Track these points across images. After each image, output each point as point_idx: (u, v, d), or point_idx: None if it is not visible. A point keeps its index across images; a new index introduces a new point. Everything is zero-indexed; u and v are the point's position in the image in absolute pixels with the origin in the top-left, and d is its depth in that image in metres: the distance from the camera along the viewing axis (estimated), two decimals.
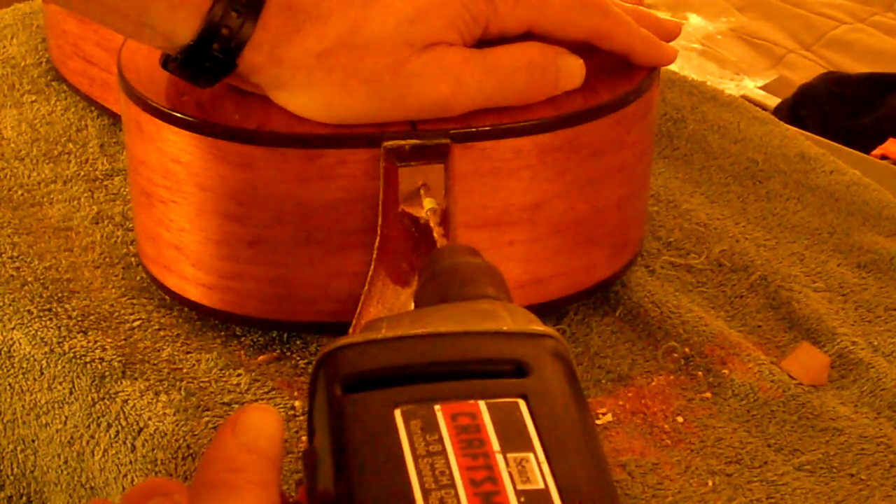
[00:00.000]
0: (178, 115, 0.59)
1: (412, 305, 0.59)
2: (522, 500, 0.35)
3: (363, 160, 0.58)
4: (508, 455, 0.36)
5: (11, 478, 0.69)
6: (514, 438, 0.36)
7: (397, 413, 0.37)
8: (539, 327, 0.41)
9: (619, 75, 0.64)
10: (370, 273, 0.60)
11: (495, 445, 0.36)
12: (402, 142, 0.58)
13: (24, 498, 0.69)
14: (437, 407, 0.37)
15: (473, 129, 0.59)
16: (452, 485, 0.35)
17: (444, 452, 0.36)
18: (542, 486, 0.35)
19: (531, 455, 0.36)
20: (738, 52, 1.83)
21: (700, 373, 0.65)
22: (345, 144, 0.58)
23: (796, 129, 0.90)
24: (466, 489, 0.35)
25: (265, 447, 0.38)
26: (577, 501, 0.35)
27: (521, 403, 0.37)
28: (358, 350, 0.39)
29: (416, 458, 0.36)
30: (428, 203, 0.58)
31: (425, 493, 0.35)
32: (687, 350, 0.67)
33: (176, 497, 0.39)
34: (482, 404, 0.37)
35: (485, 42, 0.61)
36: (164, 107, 0.60)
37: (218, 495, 0.36)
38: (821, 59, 1.87)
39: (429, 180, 0.58)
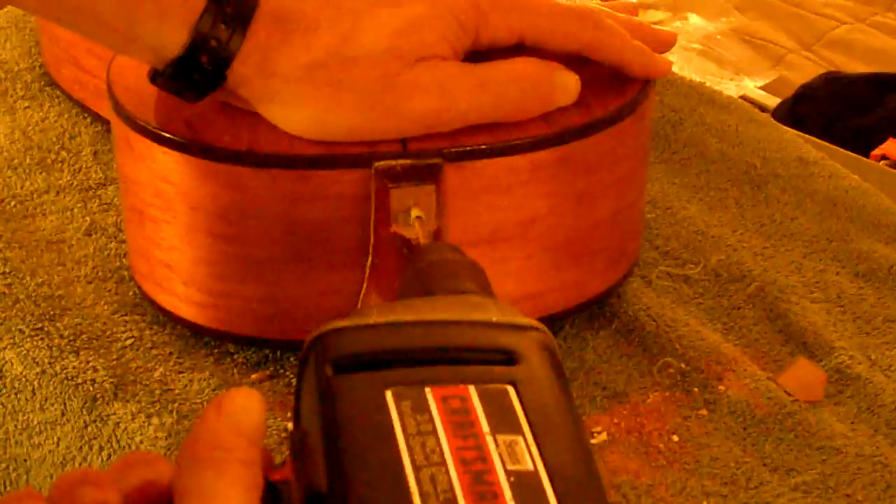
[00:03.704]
0: (168, 135, 0.59)
1: None
2: (512, 479, 0.35)
3: (354, 180, 0.58)
4: (498, 437, 0.37)
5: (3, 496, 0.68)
6: (503, 422, 0.37)
7: (388, 394, 0.38)
8: (526, 320, 0.41)
9: (613, 89, 0.63)
10: (362, 293, 0.60)
11: (485, 427, 0.37)
12: (394, 162, 0.58)
13: None
14: (427, 389, 0.38)
15: (466, 148, 0.58)
16: (443, 462, 0.36)
17: (434, 432, 0.36)
18: (531, 467, 0.36)
19: (520, 438, 0.37)
20: (738, 52, 1.82)
21: (696, 389, 0.65)
22: (335, 165, 0.58)
23: (795, 131, 0.90)
24: (457, 467, 0.36)
25: (249, 429, 0.39)
26: (566, 483, 0.36)
27: (511, 390, 0.38)
28: (349, 333, 0.40)
29: (406, 436, 0.36)
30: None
31: (416, 469, 0.35)
32: (683, 365, 0.66)
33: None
34: (472, 389, 0.38)
35: (478, 56, 0.61)
36: (153, 126, 0.59)
37: (205, 472, 0.37)
38: (821, 59, 1.86)
39: (420, 201, 0.58)
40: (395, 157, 0.58)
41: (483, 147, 0.59)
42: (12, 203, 0.77)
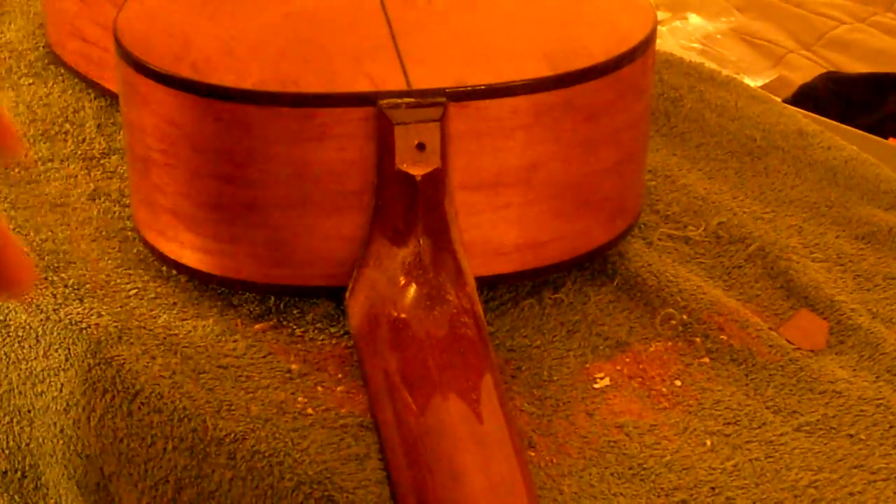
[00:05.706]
0: (173, 75, 0.59)
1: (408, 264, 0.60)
2: None
3: (358, 119, 0.58)
4: None
5: (7, 451, 0.68)
6: None
7: None
8: None
9: (615, 36, 0.64)
10: (366, 234, 0.60)
11: None
12: (398, 100, 0.58)
13: (19, 473, 0.69)
14: None
15: (469, 88, 0.59)
16: None
17: None
18: None
19: None
20: (738, 52, 1.83)
21: (698, 339, 0.65)
22: (340, 103, 0.58)
23: (794, 108, 0.90)
24: None
25: None
26: None
27: None
28: None
29: None
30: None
31: None
32: (685, 317, 0.66)
33: None
34: None
35: None
36: (159, 68, 0.60)
37: None
38: (821, 59, 1.87)
39: (425, 139, 0.58)
40: (400, 95, 0.58)
41: (486, 87, 0.59)
42: (16, 170, 0.77)
